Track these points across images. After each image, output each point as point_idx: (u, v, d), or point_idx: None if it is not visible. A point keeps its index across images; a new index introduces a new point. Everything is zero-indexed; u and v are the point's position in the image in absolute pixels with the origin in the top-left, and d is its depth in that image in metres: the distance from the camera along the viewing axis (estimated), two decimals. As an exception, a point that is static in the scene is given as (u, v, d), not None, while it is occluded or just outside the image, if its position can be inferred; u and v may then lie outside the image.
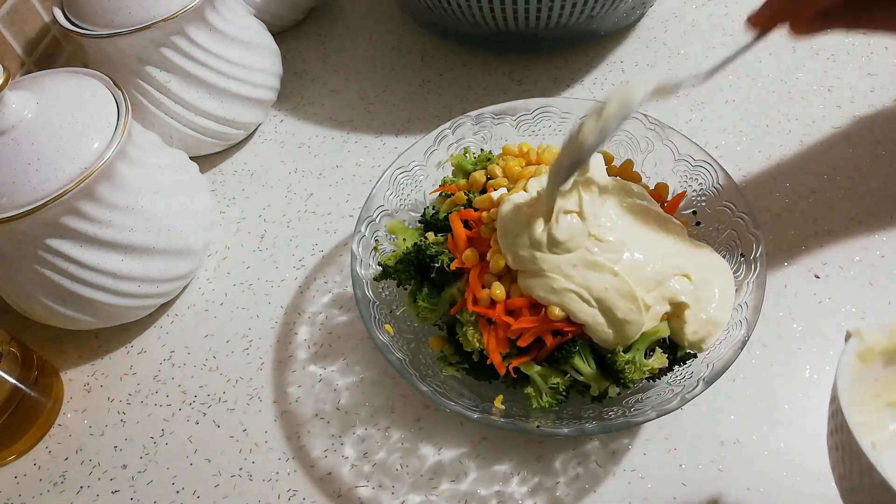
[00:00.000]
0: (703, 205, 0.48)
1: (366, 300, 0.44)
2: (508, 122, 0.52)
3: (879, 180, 0.55)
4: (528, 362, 0.41)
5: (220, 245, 0.59)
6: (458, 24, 0.65)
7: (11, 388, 0.46)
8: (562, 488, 0.43)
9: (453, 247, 0.43)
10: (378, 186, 0.48)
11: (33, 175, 0.42)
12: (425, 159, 0.51)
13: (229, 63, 0.59)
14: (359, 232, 0.46)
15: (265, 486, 0.45)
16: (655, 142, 0.49)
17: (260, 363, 0.51)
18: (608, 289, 0.39)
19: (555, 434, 0.39)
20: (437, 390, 0.40)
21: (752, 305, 0.41)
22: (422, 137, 0.50)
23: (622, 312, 0.39)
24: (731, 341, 0.40)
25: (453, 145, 0.52)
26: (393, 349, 0.42)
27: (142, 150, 0.49)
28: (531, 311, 0.40)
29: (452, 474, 0.44)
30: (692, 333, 0.40)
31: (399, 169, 0.50)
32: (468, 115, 0.51)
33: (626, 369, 0.39)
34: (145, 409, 0.49)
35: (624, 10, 0.64)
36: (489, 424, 0.39)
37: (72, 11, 0.53)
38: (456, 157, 0.50)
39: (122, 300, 0.48)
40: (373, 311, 0.44)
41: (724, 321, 0.41)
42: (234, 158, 0.65)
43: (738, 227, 0.45)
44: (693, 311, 0.40)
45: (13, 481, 0.47)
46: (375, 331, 0.43)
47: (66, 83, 0.47)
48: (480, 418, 0.39)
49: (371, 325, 0.43)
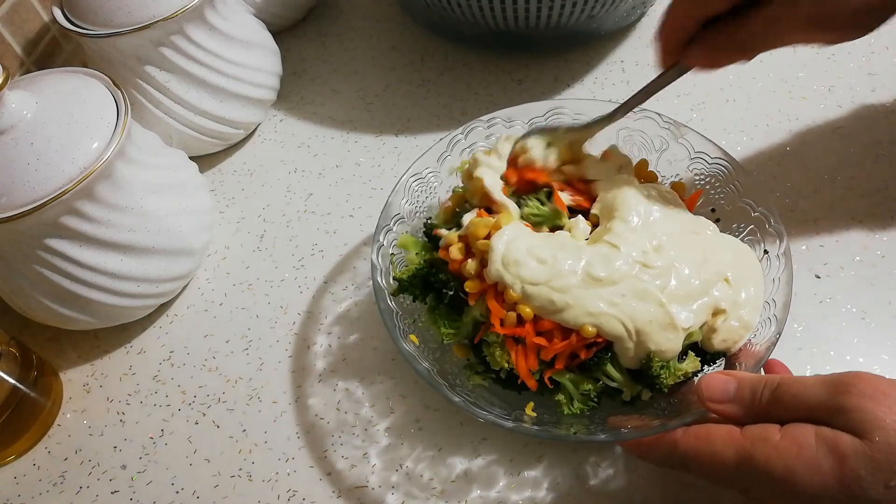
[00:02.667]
0: (721, 202, 0.47)
1: (389, 311, 0.43)
2: (519, 125, 0.51)
3: (879, 180, 0.55)
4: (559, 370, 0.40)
5: (220, 245, 0.59)
6: (458, 24, 0.65)
7: (11, 389, 0.46)
8: (562, 487, 0.43)
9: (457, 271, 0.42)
10: (394, 195, 0.48)
11: (32, 175, 0.42)
12: (439, 165, 0.50)
13: (229, 63, 0.59)
14: (377, 241, 0.46)
15: (265, 486, 0.45)
16: (670, 140, 0.49)
17: (260, 363, 0.51)
18: (652, 322, 0.38)
19: (591, 441, 0.39)
20: (468, 400, 0.40)
21: (782, 302, 0.40)
22: (423, 136, 0.50)
23: (655, 344, 0.38)
24: (761, 339, 0.40)
25: (466, 150, 0.51)
26: (420, 359, 0.41)
27: (141, 149, 0.49)
28: (562, 332, 0.39)
29: (452, 475, 0.44)
30: (720, 342, 0.40)
31: (413, 176, 0.49)
32: (480, 120, 0.51)
33: (661, 374, 0.39)
34: (145, 410, 0.49)
35: (624, 9, 0.64)
36: (523, 433, 0.39)
37: (71, 11, 0.53)
38: (465, 163, 0.49)
39: (121, 300, 0.48)
40: (397, 321, 0.43)
41: (753, 323, 0.40)
42: (233, 158, 0.65)
43: (759, 223, 0.44)
44: (727, 317, 0.40)
45: (12, 481, 0.47)
46: (401, 341, 0.42)
47: (65, 83, 0.47)
48: (515, 427, 0.38)
49: (397, 336, 0.42)
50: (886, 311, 0.48)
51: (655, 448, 0.37)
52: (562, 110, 0.51)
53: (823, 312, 0.49)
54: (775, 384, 0.34)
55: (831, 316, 0.49)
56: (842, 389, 0.32)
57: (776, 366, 0.42)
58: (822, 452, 0.31)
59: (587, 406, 0.40)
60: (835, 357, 0.47)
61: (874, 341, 0.47)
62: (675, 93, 0.65)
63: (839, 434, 0.31)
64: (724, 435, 0.34)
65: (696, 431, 0.35)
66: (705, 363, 0.41)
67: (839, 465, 0.30)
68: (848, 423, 0.31)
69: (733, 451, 0.33)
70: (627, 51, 0.69)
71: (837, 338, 0.47)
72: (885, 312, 0.48)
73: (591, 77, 0.67)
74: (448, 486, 0.44)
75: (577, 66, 0.68)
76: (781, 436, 0.32)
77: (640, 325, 0.38)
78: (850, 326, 0.48)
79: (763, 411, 0.34)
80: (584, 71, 0.68)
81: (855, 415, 0.31)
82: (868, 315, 0.48)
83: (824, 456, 0.31)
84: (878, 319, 0.48)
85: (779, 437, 0.32)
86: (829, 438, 0.31)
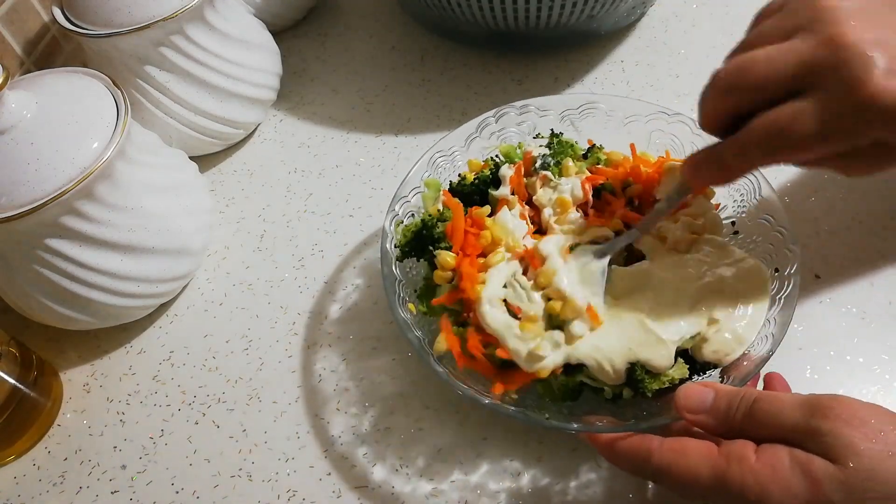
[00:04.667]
0: (742, 215, 0.47)
1: (392, 278, 0.44)
2: (553, 115, 0.52)
3: (879, 180, 0.55)
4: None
5: (220, 245, 0.59)
6: (458, 24, 0.65)
7: (11, 389, 0.46)
8: (562, 488, 0.43)
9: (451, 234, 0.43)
10: (416, 168, 0.48)
11: (32, 175, 0.42)
12: (466, 146, 0.51)
13: (229, 63, 0.59)
14: (392, 210, 0.47)
15: (265, 486, 0.45)
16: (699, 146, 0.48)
17: (260, 363, 0.51)
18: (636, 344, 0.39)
19: (563, 429, 0.39)
20: (451, 373, 0.40)
21: (780, 322, 0.40)
22: (423, 136, 0.50)
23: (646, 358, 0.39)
24: (754, 357, 0.40)
25: (495, 134, 0.52)
26: (414, 327, 0.42)
27: (141, 149, 0.49)
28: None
29: (452, 475, 0.44)
30: (711, 353, 0.40)
31: (439, 152, 0.50)
32: (513, 106, 0.51)
33: (644, 379, 0.39)
34: (144, 410, 0.49)
35: (624, 9, 0.64)
36: (500, 411, 0.39)
37: (71, 11, 0.53)
38: (505, 147, 0.50)
39: (121, 300, 0.48)
40: (398, 288, 0.44)
41: (748, 338, 0.40)
42: (233, 158, 0.65)
43: (775, 241, 0.44)
44: (720, 328, 0.40)
45: (12, 481, 0.47)
46: (398, 307, 0.43)
47: (65, 83, 0.47)
48: (490, 405, 0.39)
49: (394, 302, 0.43)
50: (886, 311, 0.48)
51: (630, 456, 0.36)
52: (597, 105, 0.51)
53: (823, 312, 0.49)
54: (751, 400, 0.34)
55: (831, 316, 0.49)
56: (819, 413, 0.31)
57: (775, 379, 0.42)
58: (795, 475, 0.30)
59: (566, 398, 0.41)
60: (835, 357, 0.47)
61: (874, 341, 0.47)
62: (676, 93, 0.65)
63: (813, 458, 0.31)
64: (700, 451, 0.33)
65: (671, 445, 0.35)
66: (695, 372, 0.41)
67: (812, 490, 0.30)
68: (823, 448, 0.31)
69: (708, 468, 0.33)
70: (627, 51, 0.69)
71: (837, 338, 0.47)
72: (885, 312, 0.48)
73: (591, 77, 0.67)
74: (448, 485, 0.44)
75: (577, 66, 0.68)
76: (756, 457, 0.32)
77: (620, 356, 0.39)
78: (850, 326, 0.48)
79: (737, 426, 0.34)
80: (584, 71, 0.68)
81: (830, 439, 0.30)
82: (868, 315, 0.48)
83: (798, 479, 0.30)
84: (878, 319, 0.48)
85: (754, 458, 0.32)
86: (803, 462, 0.31)
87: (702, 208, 0.45)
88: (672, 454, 0.34)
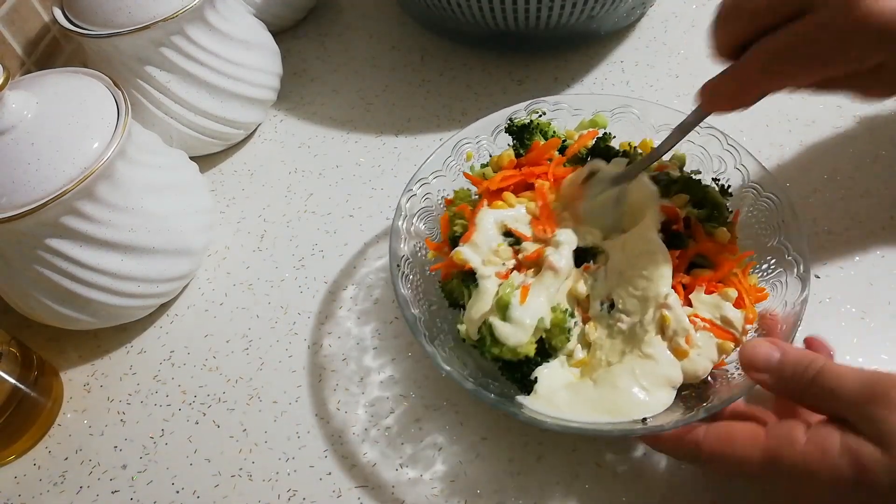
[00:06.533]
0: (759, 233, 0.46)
1: (397, 256, 0.45)
2: (586, 114, 0.52)
3: (879, 180, 0.55)
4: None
5: (220, 245, 0.59)
6: (458, 24, 0.65)
7: (11, 388, 0.46)
8: (562, 488, 0.43)
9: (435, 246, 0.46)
10: (439, 151, 0.49)
11: (33, 175, 0.42)
12: (493, 137, 0.51)
13: (229, 63, 0.59)
14: (409, 191, 0.48)
15: (265, 486, 0.45)
16: (728, 163, 0.48)
17: (260, 363, 0.51)
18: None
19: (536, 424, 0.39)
20: (441, 355, 0.41)
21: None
22: (423, 136, 0.51)
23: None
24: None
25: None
26: (412, 305, 0.43)
27: (141, 149, 0.49)
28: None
29: (452, 475, 0.44)
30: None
31: (464, 139, 0.50)
32: (544, 100, 0.51)
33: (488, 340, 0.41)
34: (145, 409, 0.49)
35: (624, 10, 0.64)
36: (481, 398, 0.39)
37: (71, 11, 0.53)
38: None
39: (121, 300, 0.48)
40: (402, 266, 0.45)
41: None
42: (233, 158, 0.65)
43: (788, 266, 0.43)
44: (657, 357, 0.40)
45: (13, 481, 0.47)
46: (399, 284, 0.43)
47: (65, 83, 0.47)
48: (474, 390, 0.39)
49: (396, 279, 0.43)
50: (886, 311, 0.48)
51: (678, 448, 0.37)
52: (631, 109, 0.51)
53: (823, 312, 0.49)
54: (816, 370, 0.34)
55: (831, 316, 0.49)
56: (877, 397, 0.32)
57: (815, 343, 0.42)
58: (844, 460, 0.31)
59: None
60: (835, 357, 0.46)
61: (874, 341, 0.47)
62: (676, 93, 0.65)
63: (863, 443, 0.31)
64: (747, 435, 0.34)
65: (717, 433, 0.35)
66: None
67: (860, 475, 0.31)
68: (874, 432, 0.31)
69: (759, 452, 0.34)
70: (627, 51, 0.69)
71: (837, 338, 0.47)
72: (885, 312, 0.48)
73: (591, 77, 0.67)
74: (448, 485, 0.44)
75: (577, 66, 0.68)
76: (807, 439, 0.33)
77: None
78: (849, 326, 0.48)
79: (797, 394, 0.35)
80: (584, 71, 0.68)
81: (884, 426, 0.31)
82: (868, 315, 0.48)
83: (846, 464, 0.31)
84: (878, 319, 0.48)
85: (804, 441, 0.33)
86: (853, 448, 0.31)
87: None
88: (719, 443, 0.35)
